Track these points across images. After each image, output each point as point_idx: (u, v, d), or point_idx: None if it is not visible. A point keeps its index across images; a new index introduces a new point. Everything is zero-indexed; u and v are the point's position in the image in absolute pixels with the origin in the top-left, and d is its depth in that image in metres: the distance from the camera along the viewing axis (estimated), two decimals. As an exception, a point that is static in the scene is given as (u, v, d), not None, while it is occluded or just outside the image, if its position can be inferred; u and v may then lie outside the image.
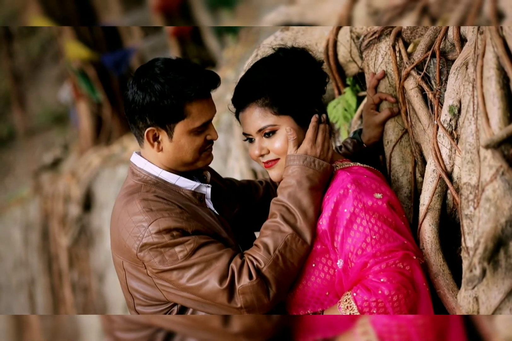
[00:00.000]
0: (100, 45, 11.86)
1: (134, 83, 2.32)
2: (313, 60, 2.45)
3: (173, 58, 2.38)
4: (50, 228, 9.52)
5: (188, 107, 2.30)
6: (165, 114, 2.29)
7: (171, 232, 2.23)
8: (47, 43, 15.45)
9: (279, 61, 2.40)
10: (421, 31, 2.58)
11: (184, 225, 2.24)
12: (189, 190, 2.40)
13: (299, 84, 2.36)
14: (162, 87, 2.27)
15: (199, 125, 2.33)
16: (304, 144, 2.35)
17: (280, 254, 2.24)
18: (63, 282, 9.28)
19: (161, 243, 2.23)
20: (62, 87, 13.32)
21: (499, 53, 1.97)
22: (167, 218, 2.24)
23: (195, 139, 2.35)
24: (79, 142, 11.99)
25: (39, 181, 11.10)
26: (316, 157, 2.33)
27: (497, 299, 1.96)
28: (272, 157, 2.40)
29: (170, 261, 2.23)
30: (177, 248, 2.23)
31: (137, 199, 2.31)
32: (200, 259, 2.22)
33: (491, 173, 1.97)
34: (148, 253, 2.25)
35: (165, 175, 2.39)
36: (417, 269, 2.19)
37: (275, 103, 2.34)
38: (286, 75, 2.36)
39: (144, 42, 10.68)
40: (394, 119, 2.59)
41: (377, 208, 2.22)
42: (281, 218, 2.29)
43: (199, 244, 2.24)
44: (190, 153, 2.36)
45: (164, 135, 2.34)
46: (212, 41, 10.05)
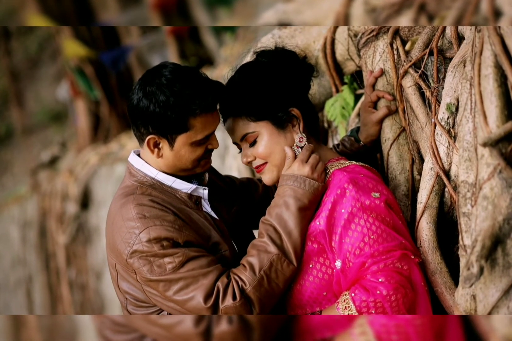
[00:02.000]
0: (98, 43, 11.87)
1: (140, 89, 2.30)
2: (293, 59, 2.46)
3: (181, 65, 2.35)
4: (47, 226, 9.53)
5: (192, 121, 2.28)
6: (168, 126, 2.28)
7: (161, 242, 2.23)
8: (45, 41, 15.46)
9: (253, 69, 2.44)
10: (418, 29, 2.58)
11: (175, 234, 2.24)
12: (185, 193, 2.40)
13: (273, 89, 2.38)
14: (167, 99, 2.24)
15: (201, 138, 2.32)
16: (296, 164, 2.36)
17: (265, 274, 2.24)
18: (60, 280, 9.29)
19: (151, 252, 2.23)
20: (60, 85, 13.34)
21: (497, 51, 1.97)
22: (159, 227, 2.24)
23: (196, 150, 2.35)
24: (77, 140, 12.01)
25: (37, 179, 11.11)
26: (307, 178, 2.32)
27: (495, 297, 1.96)
28: (260, 163, 2.43)
29: (158, 272, 2.24)
30: (166, 259, 2.23)
31: (131, 203, 2.30)
32: (187, 274, 2.23)
33: (489, 170, 1.97)
34: (137, 260, 2.25)
35: (162, 176, 2.39)
36: (415, 268, 2.19)
37: (251, 111, 2.38)
38: (259, 83, 2.38)
39: (142, 40, 10.68)
40: (391, 117, 2.59)
41: (375, 207, 2.22)
42: (268, 238, 2.28)
43: (188, 257, 2.23)
44: (189, 162, 2.37)
45: (165, 144, 2.33)
46: (210, 39, 10.05)
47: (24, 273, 10.68)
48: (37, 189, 10.42)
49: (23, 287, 10.80)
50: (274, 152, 2.39)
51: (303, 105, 2.45)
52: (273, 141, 2.39)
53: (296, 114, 2.39)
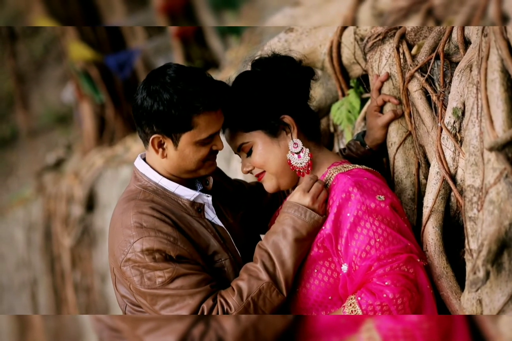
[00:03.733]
0: (103, 46, 11.87)
1: (144, 88, 2.31)
2: (289, 65, 2.46)
3: (185, 66, 2.37)
4: (52, 229, 9.53)
5: (196, 119, 2.29)
6: (172, 124, 2.29)
7: (154, 254, 2.24)
8: (51, 44, 15.50)
9: (245, 80, 2.45)
10: (425, 33, 2.58)
11: (168, 247, 2.25)
12: (187, 199, 2.40)
13: (263, 99, 2.39)
14: (171, 97, 2.25)
15: (205, 137, 2.33)
16: (297, 193, 2.35)
17: (252, 301, 2.25)
18: (65, 282, 9.29)
19: (142, 263, 2.25)
20: (65, 88, 13.36)
21: (504, 56, 1.97)
22: (153, 238, 2.25)
23: (200, 150, 2.35)
24: (82, 142, 12.01)
25: (42, 181, 11.12)
26: (309, 208, 2.31)
27: (501, 302, 1.96)
28: (258, 171, 2.46)
29: (148, 284, 2.25)
30: (157, 272, 2.25)
31: (132, 210, 2.32)
32: (175, 292, 2.24)
33: (495, 175, 1.97)
34: (130, 269, 2.27)
35: (165, 182, 2.40)
36: (421, 271, 2.20)
37: (243, 122, 2.40)
38: (249, 94, 2.40)
39: (148, 44, 10.69)
40: (397, 121, 2.59)
41: (380, 210, 2.22)
42: (261, 264, 2.28)
43: (178, 274, 2.24)
44: (194, 162, 2.37)
45: (170, 143, 2.33)
46: (215, 43, 10.05)
47: (29, 275, 10.69)
48: (42, 191, 10.43)
49: (27, 289, 10.80)
50: (268, 160, 2.41)
51: (298, 110, 2.45)
52: (267, 150, 2.40)
53: (288, 121, 2.40)
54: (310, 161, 2.41)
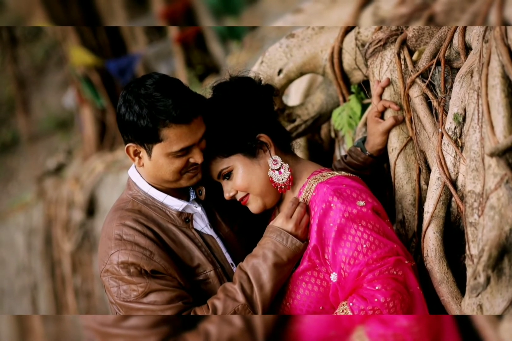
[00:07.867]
0: (104, 51, 11.89)
1: (122, 96, 2.32)
2: (248, 86, 2.47)
3: (167, 77, 2.35)
4: (53, 233, 9.53)
5: (165, 132, 2.27)
6: (142, 135, 2.29)
7: (128, 267, 2.27)
8: (52, 49, 15.51)
9: (211, 107, 2.42)
10: (426, 39, 2.59)
11: (142, 262, 2.27)
12: (176, 210, 2.41)
13: (234, 122, 2.40)
14: (140, 109, 2.25)
15: (177, 150, 2.31)
16: (280, 219, 2.36)
17: None
18: (66, 287, 9.28)
19: (118, 275, 2.28)
20: (66, 93, 13.37)
21: (504, 62, 1.98)
22: (128, 252, 2.28)
23: (174, 162, 2.34)
24: (83, 148, 12.02)
25: (43, 186, 11.11)
26: (291, 234, 2.32)
27: (501, 307, 1.96)
28: (242, 195, 2.46)
29: (123, 296, 2.28)
30: (131, 285, 2.27)
31: (115, 222, 2.35)
32: (147, 307, 2.26)
33: (496, 181, 1.97)
34: (108, 279, 2.31)
35: (154, 192, 2.42)
36: (410, 273, 2.21)
37: (220, 149, 2.40)
38: (218, 121, 2.40)
39: (149, 49, 10.70)
40: (398, 127, 2.60)
41: (363, 215, 2.23)
42: (239, 286, 2.29)
43: (150, 289, 2.27)
44: (169, 174, 2.36)
45: (144, 153, 2.34)
46: (216, 48, 10.07)
47: (29, 280, 10.67)
48: (43, 196, 10.43)
49: (28, 294, 10.78)
50: (251, 182, 2.41)
51: (270, 127, 2.46)
52: (248, 171, 2.41)
53: (264, 140, 2.41)
54: (291, 177, 2.42)
